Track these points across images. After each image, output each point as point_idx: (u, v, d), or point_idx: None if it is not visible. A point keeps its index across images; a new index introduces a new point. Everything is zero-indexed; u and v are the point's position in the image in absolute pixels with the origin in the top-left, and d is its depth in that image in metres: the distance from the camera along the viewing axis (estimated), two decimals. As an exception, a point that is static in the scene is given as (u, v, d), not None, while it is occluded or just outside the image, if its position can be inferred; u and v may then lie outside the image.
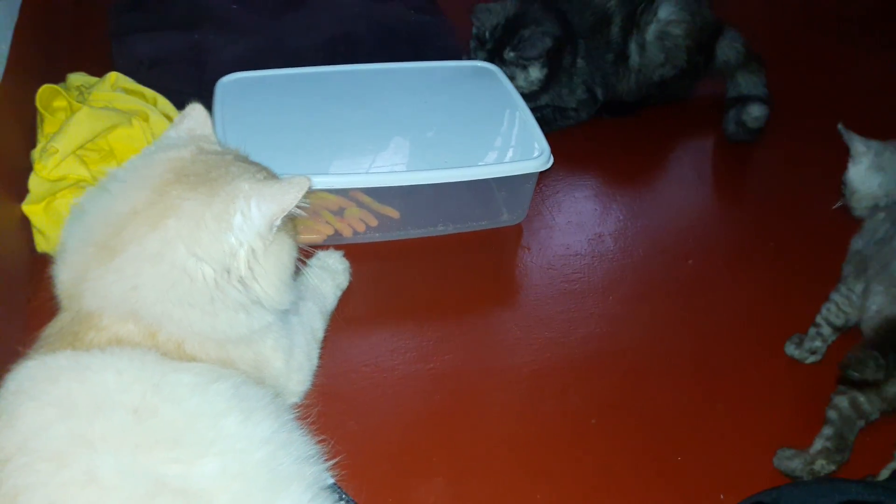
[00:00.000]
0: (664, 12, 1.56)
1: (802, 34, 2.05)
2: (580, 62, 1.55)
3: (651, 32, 1.56)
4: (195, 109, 0.87)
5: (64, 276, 0.78)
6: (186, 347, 0.76)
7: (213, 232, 0.75)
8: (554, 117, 1.55)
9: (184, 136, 0.85)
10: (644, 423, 1.05)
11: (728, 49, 1.62)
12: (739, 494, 0.92)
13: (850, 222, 1.43)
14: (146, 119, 1.24)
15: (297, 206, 0.79)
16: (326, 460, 0.81)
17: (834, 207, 1.30)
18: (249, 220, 0.76)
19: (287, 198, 0.77)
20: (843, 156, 1.61)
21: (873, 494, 0.85)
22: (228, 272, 0.76)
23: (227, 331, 0.79)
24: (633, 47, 1.57)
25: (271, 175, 0.83)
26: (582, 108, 1.57)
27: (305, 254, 0.90)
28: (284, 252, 0.82)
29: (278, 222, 0.78)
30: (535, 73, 1.49)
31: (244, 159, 0.84)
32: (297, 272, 0.90)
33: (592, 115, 1.60)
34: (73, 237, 0.79)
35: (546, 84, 1.51)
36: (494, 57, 1.49)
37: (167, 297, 0.74)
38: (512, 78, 1.46)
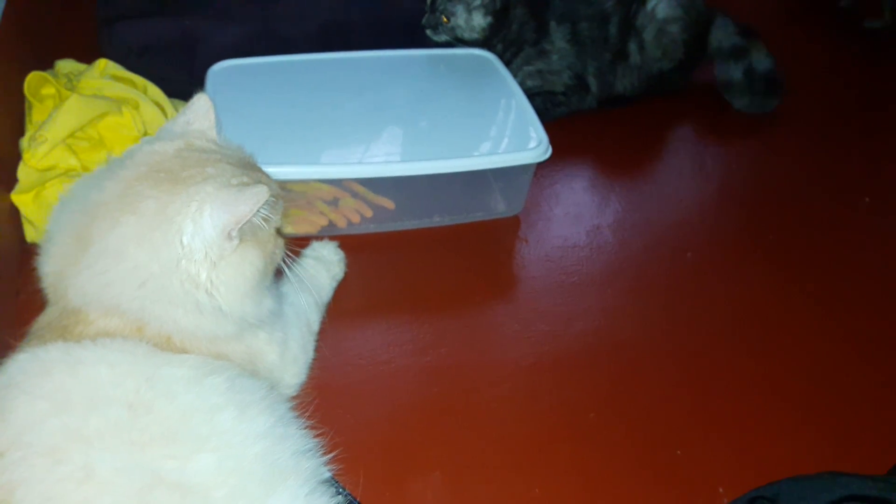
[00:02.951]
0: (661, 12, 1.56)
1: (798, 24, 2.05)
2: (561, 43, 1.53)
3: (649, 32, 1.56)
4: (199, 100, 0.84)
5: (48, 269, 0.76)
6: (176, 341, 0.75)
7: (165, 233, 0.72)
8: (545, 107, 1.54)
9: (179, 128, 0.82)
10: (643, 416, 1.04)
11: (721, 35, 1.64)
12: (739, 489, 0.92)
13: (850, 216, 1.43)
14: (136, 107, 1.22)
15: (260, 217, 0.75)
16: (323, 454, 0.79)
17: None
18: (200, 228, 0.72)
19: (241, 207, 0.72)
20: (842, 148, 1.62)
21: (874, 489, 0.84)
22: (190, 277, 0.73)
23: (215, 329, 0.77)
24: (632, 47, 1.57)
25: (258, 181, 0.78)
26: (571, 93, 1.56)
27: (297, 248, 0.88)
28: (247, 264, 0.77)
29: (235, 232, 0.74)
30: (479, 18, 1.46)
31: (237, 160, 0.80)
32: (280, 277, 0.87)
33: (591, 106, 1.59)
34: (56, 226, 0.77)
35: (488, 37, 1.48)
36: None
37: (141, 295, 0.72)
38: (452, 15, 1.44)
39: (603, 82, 1.58)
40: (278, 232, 0.83)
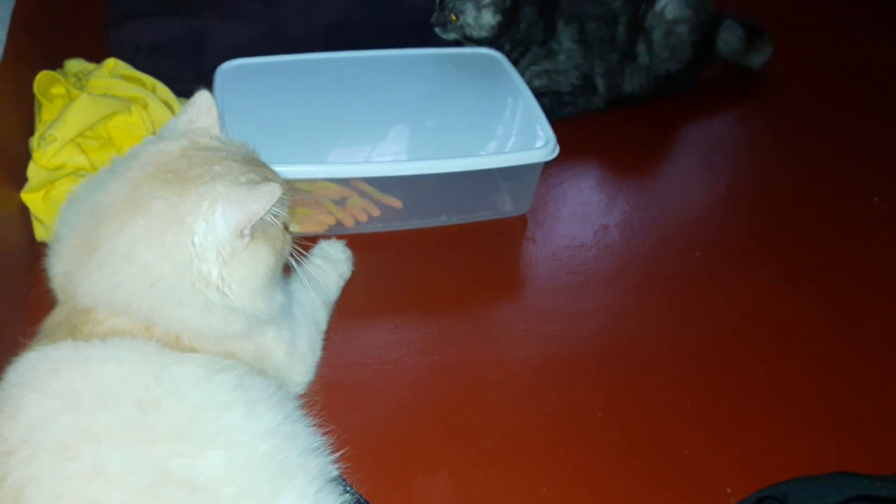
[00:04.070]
0: (670, 13, 1.56)
1: (808, 21, 2.04)
2: (569, 44, 1.53)
3: (658, 33, 1.56)
4: (201, 98, 0.84)
5: (57, 269, 0.76)
6: (185, 340, 0.75)
7: (177, 235, 0.72)
8: (552, 107, 1.53)
9: (182, 127, 0.82)
10: (650, 416, 1.04)
11: (729, 37, 1.64)
12: (746, 489, 0.92)
13: (859, 216, 1.43)
14: (145, 106, 1.22)
15: (271, 214, 0.75)
16: (331, 452, 0.80)
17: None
18: (212, 227, 0.72)
19: (254, 206, 0.72)
20: (851, 147, 1.61)
21: (884, 489, 0.84)
22: (202, 277, 0.73)
23: (224, 328, 0.77)
24: (641, 48, 1.57)
25: (265, 177, 0.79)
26: (578, 93, 1.56)
27: (305, 247, 0.88)
28: (258, 261, 0.77)
29: (247, 230, 0.74)
30: (488, 17, 1.45)
31: (242, 156, 0.80)
32: (288, 273, 0.88)
33: (599, 107, 1.59)
34: (64, 228, 0.77)
35: (497, 36, 1.48)
36: None
37: (151, 296, 0.73)
38: (461, 13, 1.44)
39: (610, 83, 1.58)
40: (286, 227, 0.83)
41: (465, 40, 1.48)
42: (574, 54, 1.54)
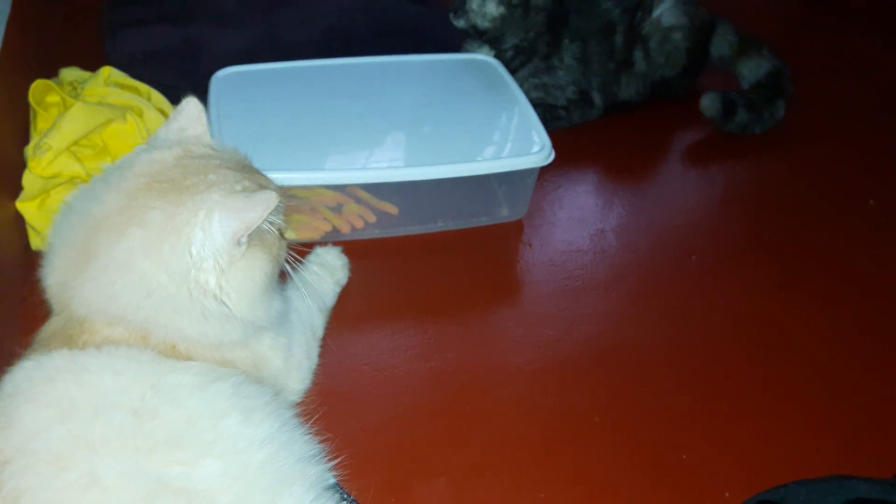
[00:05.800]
0: (667, 20, 1.56)
1: (803, 26, 2.05)
2: (570, 61, 1.53)
3: (654, 41, 1.57)
4: (189, 105, 0.83)
5: (52, 280, 0.76)
6: (181, 349, 0.75)
7: (174, 245, 0.72)
8: (545, 118, 1.53)
9: (173, 136, 0.82)
10: (648, 421, 1.04)
11: (721, 43, 1.64)
12: (745, 493, 0.91)
13: (855, 219, 1.43)
14: (140, 114, 1.22)
15: (267, 222, 0.75)
16: (328, 460, 0.79)
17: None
18: (210, 236, 0.72)
19: (250, 214, 0.72)
20: (845, 150, 1.61)
21: (882, 493, 0.84)
22: (199, 286, 0.73)
23: (220, 336, 0.77)
24: (637, 55, 1.57)
25: (259, 185, 0.79)
26: (573, 108, 1.56)
27: (301, 253, 0.88)
28: (255, 268, 0.77)
29: (244, 238, 0.74)
30: (492, 7, 1.46)
31: (236, 163, 0.81)
32: (284, 280, 0.88)
33: (598, 116, 1.59)
34: (58, 238, 0.77)
35: (500, 32, 1.49)
36: None
37: (148, 305, 0.73)
38: None
39: (606, 93, 1.58)
40: (282, 234, 0.83)
41: (473, 31, 1.49)
42: (573, 70, 1.54)
